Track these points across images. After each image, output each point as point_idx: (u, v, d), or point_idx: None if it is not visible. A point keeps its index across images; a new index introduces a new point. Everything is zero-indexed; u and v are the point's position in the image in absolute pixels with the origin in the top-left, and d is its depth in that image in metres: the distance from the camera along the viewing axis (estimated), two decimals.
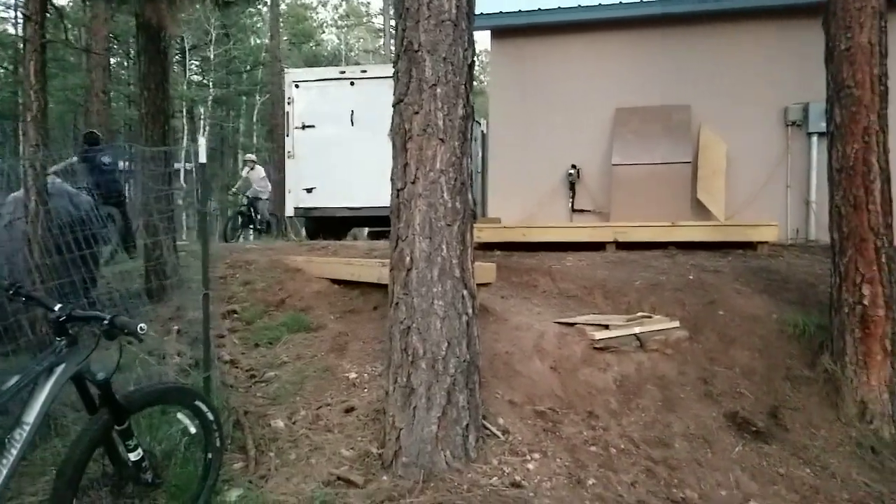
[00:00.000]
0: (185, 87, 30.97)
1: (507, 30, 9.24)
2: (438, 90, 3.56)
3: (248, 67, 36.21)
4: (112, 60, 26.26)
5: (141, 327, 2.40)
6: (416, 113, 3.57)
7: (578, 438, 3.91)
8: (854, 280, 4.54)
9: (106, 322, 2.42)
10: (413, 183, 3.57)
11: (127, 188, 8.78)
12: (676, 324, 5.18)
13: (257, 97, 34.88)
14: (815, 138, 8.16)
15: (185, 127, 31.17)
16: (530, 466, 3.53)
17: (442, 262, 3.55)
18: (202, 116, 33.49)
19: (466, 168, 3.69)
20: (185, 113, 31.54)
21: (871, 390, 4.44)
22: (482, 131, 12.29)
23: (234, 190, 14.85)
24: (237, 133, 37.35)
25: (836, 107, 4.64)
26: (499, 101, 9.33)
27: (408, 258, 3.57)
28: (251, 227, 13.10)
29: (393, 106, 3.69)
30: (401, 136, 3.62)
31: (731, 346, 5.09)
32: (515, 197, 8.91)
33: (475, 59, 3.77)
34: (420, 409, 3.46)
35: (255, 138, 34.86)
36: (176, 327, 5.18)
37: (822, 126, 7.65)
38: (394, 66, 3.71)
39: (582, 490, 3.42)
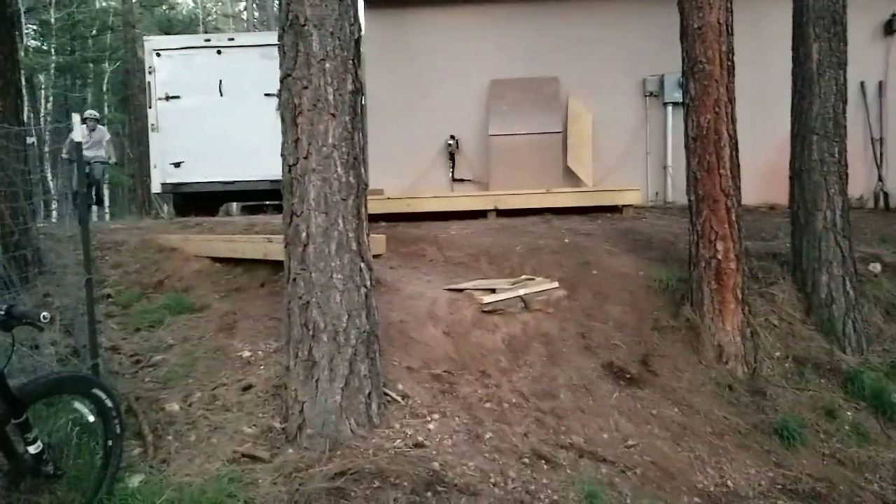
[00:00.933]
0: (21, 54, 27.92)
1: (383, 0, 9.19)
2: (327, 65, 3.55)
3: (95, 32, 33.22)
4: None
5: (44, 316, 2.27)
6: (305, 88, 3.55)
7: (474, 397, 4.12)
8: (709, 237, 5.06)
9: (2, 312, 2.26)
10: (306, 158, 3.56)
11: None
12: (556, 284, 5.51)
13: (106, 65, 32.17)
14: (670, 108, 8.86)
15: (26, 98, 28.21)
16: (431, 427, 3.69)
17: (339, 237, 3.58)
18: (43, 86, 30.44)
19: (358, 142, 3.72)
20: (23, 82, 28.49)
21: (727, 335, 5.00)
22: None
23: (64, 154, 11.16)
24: (85, 104, 34.32)
25: (690, 81, 5.09)
26: (377, 72, 9.30)
27: (304, 233, 3.57)
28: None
29: (280, 80, 3.64)
30: (290, 111, 3.58)
31: (605, 302, 5.50)
32: (397, 168, 8.98)
33: (361, 33, 3.78)
34: (323, 380, 3.51)
35: (106, 109, 32.21)
36: (44, 314, 4.82)
37: (676, 96, 8.36)
38: (279, 40, 3.65)
39: (480, 444, 3.63)
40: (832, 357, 5.08)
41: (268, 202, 10.64)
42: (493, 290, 5.21)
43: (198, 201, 10.75)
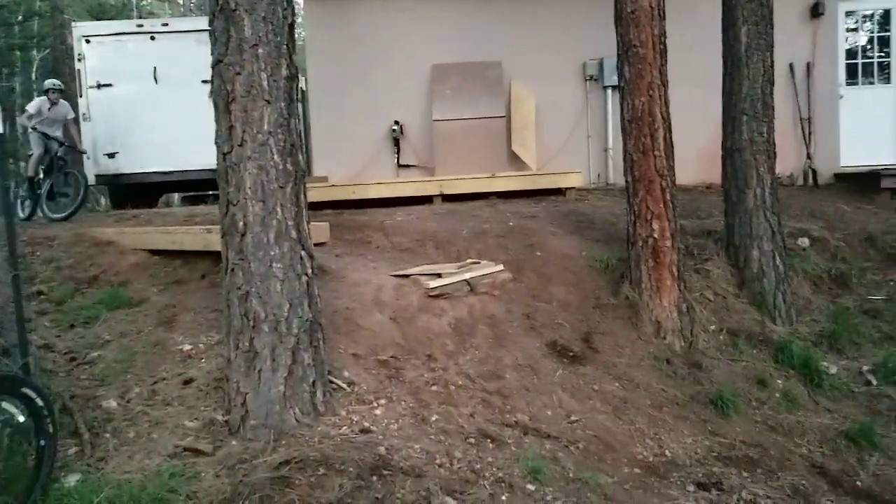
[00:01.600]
0: None
1: None
2: (260, 50, 3.49)
3: (21, 18, 31.67)
4: None
5: None
6: (238, 74, 3.48)
7: (420, 381, 4.16)
8: (646, 217, 5.20)
9: None
10: (241, 146, 3.50)
11: None
12: (501, 267, 5.58)
13: (35, 52, 30.73)
14: (609, 91, 9.00)
15: None
16: (378, 412, 3.71)
17: (278, 225, 3.54)
18: None
19: (295, 129, 3.68)
20: None
21: (664, 310, 5.16)
22: (301, 88, 11.98)
23: (29, 122, 8.63)
24: (13, 93, 32.77)
25: (625, 64, 5.19)
26: (317, 58, 9.16)
27: (241, 223, 3.52)
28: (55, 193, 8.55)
29: (212, 66, 3.56)
30: (223, 98, 3.51)
31: (549, 283, 5.60)
32: (341, 155, 8.89)
33: (295, 18, 3.72)
34: (265, 371, 3.48)
35: (35, 98, 30.76)
36: None
37: (616, 80, 8.49)
38: (210, 25, 3.56)
39: (427, 426, 3.67)
40: (763, 328, 5.30)
41: (210, 192, 10.39)
42: (439, 275, 5.25)
43: (135, 193, 10.42)
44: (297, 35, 3.99)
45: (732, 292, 5.61)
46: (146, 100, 9.94)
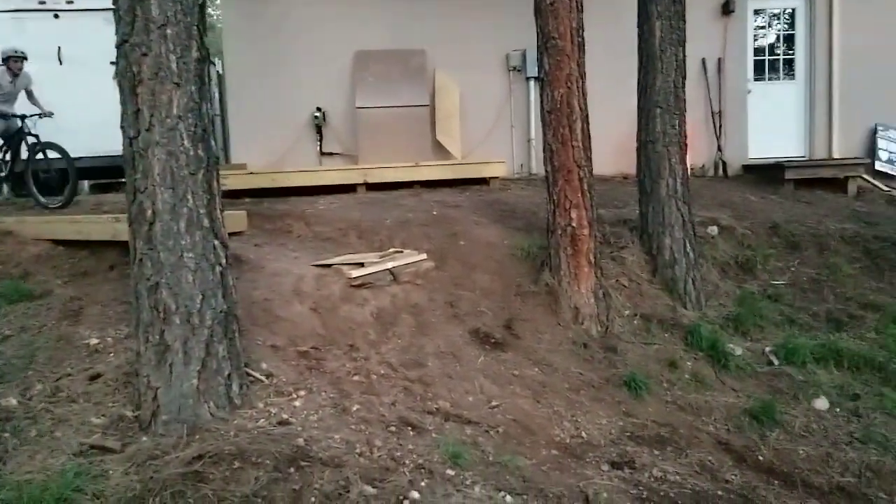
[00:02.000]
0: None
1: None
2: (168, 31, 3.34)
3: None
4: None
5: None
6: (145, 55, 3.32)
7: (342, 371, 4.12)
8: (564, 206, 5.32)
9: None
10: (148, 130, 3.35)
11: None
12: (424, 256, 5.60)
13: None
14: (532, 82, 9.14)
15: None
16: (297, 404, 3.66)
17: (188, 213, 3.42)
18: None
19: (207, 114, 3.56)
20: None
21: (582, 297, 5.31)
22: (217, 72, 11.57)
23: None
24: None
25: (544, 56, 5.27)
26: (235, 41, 8.87)
27: (149, 211, 3.37)
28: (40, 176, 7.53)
29: (117, 47, 3.38)
30: (129, 80, 3.35)
31: (472, 271, 5.66)
32: (261, 141, 8.66)
33: None
34: (177, 364, 3.37)
35: None
36: None
37: (537, 71, 8.64)
38: (114, 4, 3.38)
39: (347, 416, 3.64)
40: (675, 313, 5.53)
41: (122, 179, 9.89)
42: (361, 265, 5.21)
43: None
44: (214, 17, 3.85)
45: (646, 278, 5.83)
46: (49, 81, 9.32)
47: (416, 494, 2.97)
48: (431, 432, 3.70)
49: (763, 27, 10.10)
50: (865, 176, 9.19)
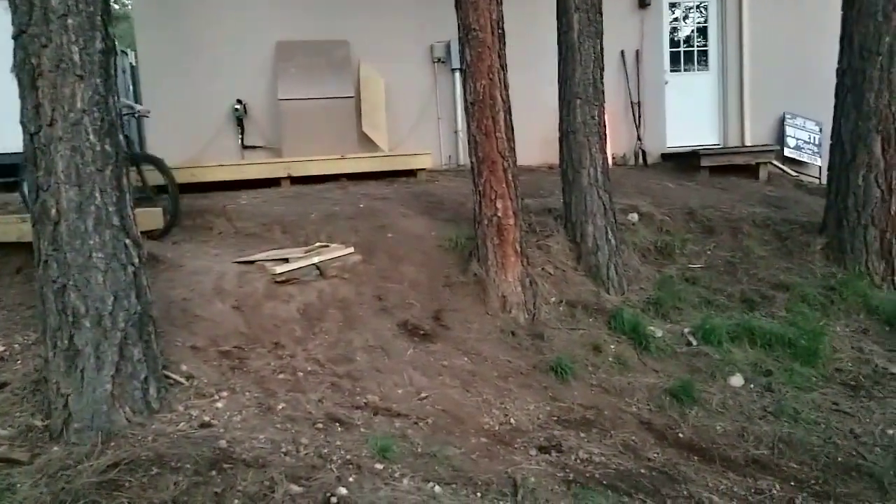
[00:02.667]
0: None
1: None
2: (70, 21, 3.19)
3: None
4: None
5: None
6: (45, 46, 3.17)
7: (266, 370, 4.04)
8: (490, 197, 5.36)
9: None
10: (50, 125, 3.20)
11: None
12: (351, 249, 5.54)
13: None
14: (457, 74, 9.15)
15: None
16: (219, 405, 3.57)
17: (97, 212, 3.28)
18: None
19: (114, 107, 3.41)
20: None
21: (509, 286, 5.38)
22: (130, 63, 11.07)
23: None
24: None
25: (466, 47, 5.29)
26: (148, 31, 8.49)
27: (53, 210, 3.21)
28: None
29: (14, 38, 3.20)
30: (28, 73, 3.18)
31: (399, 263, 5.64)
32: (179, 136, 8.32)
33: None
34: (89, 370, 3.23)
35: None
36: None
37: (459, 63, 8.66)
38: None
39: (272, 416, 3.58)
40: (599, 298, 5.68)
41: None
42: (286, 260, 5.11)
43: None
44: (127, 6, 3.68)
45: (571, 265, 5.96)
46: None
47: (343, 490, 2.94)
48: (360, 427, 3.68)
49: (679, 19, 10.45)
50: (775, 162, 9.69)
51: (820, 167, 9.55)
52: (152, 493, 2.75)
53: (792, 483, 4.04)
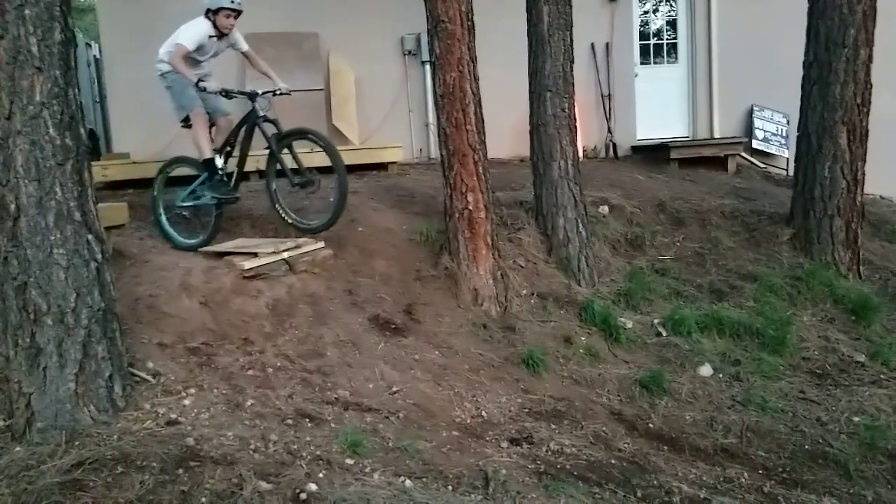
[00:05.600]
0: None
1: None
2: (27, 12, 3.11)
3: None
4: None
5: None
6: (1, 38, 3.08)
7: (235, 366, 3.99)
8: (461, 190, 5.36)
9: None
10: (8, 119, 3.11)
11: None
12: (322, 244, 5.48)
13: None
14: (427, 66, 9.10)
15: None
16: (186, 402, 3.52)
17: (58, 207, 3.20)
18: None
19: (74, 100, 3.33)
20: None
21: (480, 279, 5.38)
22: (95, 56, 10.85)
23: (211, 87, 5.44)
24: None
25: (435, 40, 5.27)
26: (112, 22, 8.30)
27: (12, 205, 3.13)
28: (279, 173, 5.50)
29: None
30: None
31: (370, 257, 5.61)
32: (145, 129, 8.14)
33: None
34: (52, 368, 3.16)
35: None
36: None
37: (429, 55, 8.62)
38: None
39: (241, 412, 3.54)
40: (570, 290, 5.72)
41: None
42: (255, 255, 5.04)
43: None
44: None
45: (542, 258, 5.98)
46: None
47: (313, 486, 2.92)
48: (330, 422, 3.66)
49: (650, 12, 10.52)
50: (743, 154, 9.83)
51: (788, 159, 9.69)
52: (117, 493, 2.71)
53: (760, 471, 4.12)
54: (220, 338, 4.24)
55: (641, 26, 10.35)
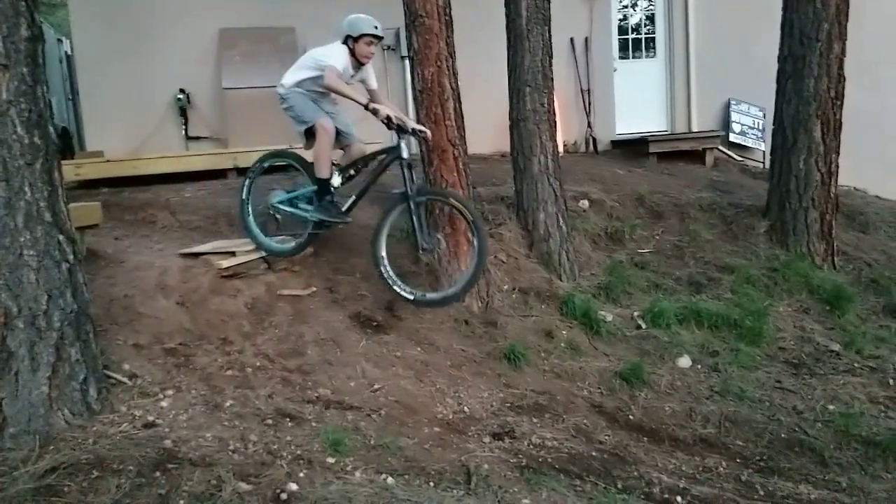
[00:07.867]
0: None
1: None
2: None
3: None
4: None
5: None
6: None
7: (213, 366, 3.95)
8: (441, 185, 5.33)
9: None
10: None
11: None
12: None
13: None
14: (406, 62, 9.05)
15: None
16: (164, 404, 3.47)
17: (27, 207, 3.13)
18: None
19: (43, 97, 3.26)
20: None
21: (462, 274, 5.35)
22: (66, 52, 10.65)
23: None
24: None
25: (413, 34, 5.23)
26: (84, 17, 8.15)
27: None
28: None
29: None
30: None
31: (351, 255, 5.56)
32: (119, 126, 8.03)
33: None
34: (24, 372, 3.09)
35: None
36: None
37: (406, 50, 8.57)
38: None
39: (220, 413, 3.50)
40: (551, 285, 5.72)
41: None
42: (232, 254, 4.98)
43: None
44: None
45: (524, 253, 5.98)
46: None
47: (293, 486, 2.90)
48: (311, 421, 3.63)
49: (628, 7, 10.56)
50: (721, 147, 9.92)
51: (764, 152, 9.78)
52: (93, 498, 2.66)
53: (738, 460, 4.17)
54: (197, 338, 4.18)
55: (620, 21, 10.39)
